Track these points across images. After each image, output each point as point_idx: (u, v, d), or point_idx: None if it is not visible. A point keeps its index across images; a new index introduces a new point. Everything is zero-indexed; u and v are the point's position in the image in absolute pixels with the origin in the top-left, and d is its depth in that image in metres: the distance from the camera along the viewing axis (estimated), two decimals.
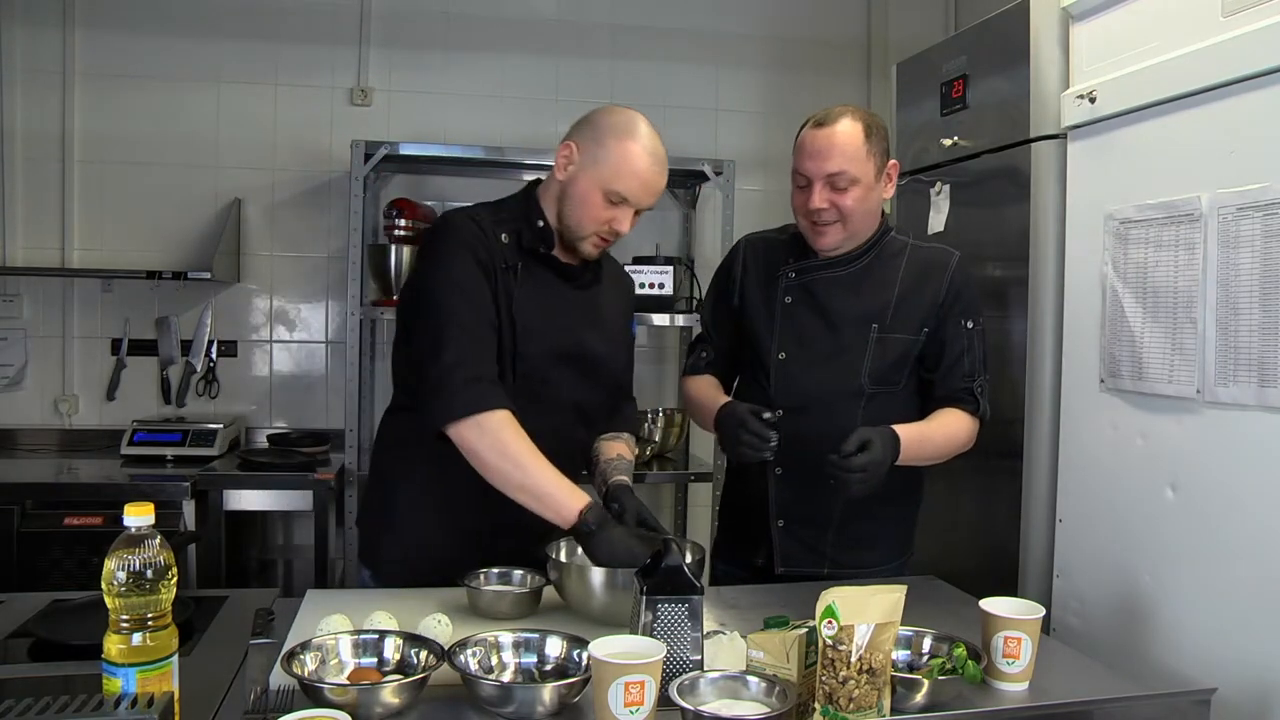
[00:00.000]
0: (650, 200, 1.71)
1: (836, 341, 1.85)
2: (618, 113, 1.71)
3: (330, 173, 3.48)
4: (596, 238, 1.71)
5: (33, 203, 3.33)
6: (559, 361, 1.74)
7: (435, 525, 1.77)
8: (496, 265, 1.69)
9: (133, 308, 3.39)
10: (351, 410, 3.12)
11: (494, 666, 1.30)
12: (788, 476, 1.86)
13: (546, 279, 1.74)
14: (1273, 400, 1.54)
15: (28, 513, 2.69)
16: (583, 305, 1.78)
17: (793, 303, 1.88)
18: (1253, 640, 1.57)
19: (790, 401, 1.82)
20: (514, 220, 1.75)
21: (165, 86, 3.39)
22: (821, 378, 1.85)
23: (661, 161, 1.70)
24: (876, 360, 1.84)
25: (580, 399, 1.78)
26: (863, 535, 1.89)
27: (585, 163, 1.69)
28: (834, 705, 1.16)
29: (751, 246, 1.99)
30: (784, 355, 1.87)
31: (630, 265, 3.33)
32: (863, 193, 1.78)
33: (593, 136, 1.70)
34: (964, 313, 1.86)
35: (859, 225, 1.83)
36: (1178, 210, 1.73)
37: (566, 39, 3.63)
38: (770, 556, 1.89)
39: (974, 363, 1.87)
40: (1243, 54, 1.59)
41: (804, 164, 1.79)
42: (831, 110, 1.79)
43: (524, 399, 1.66)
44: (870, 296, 1.85)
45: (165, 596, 1.08)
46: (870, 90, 3.82)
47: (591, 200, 1.68)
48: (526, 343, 1.69)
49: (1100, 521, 1.93)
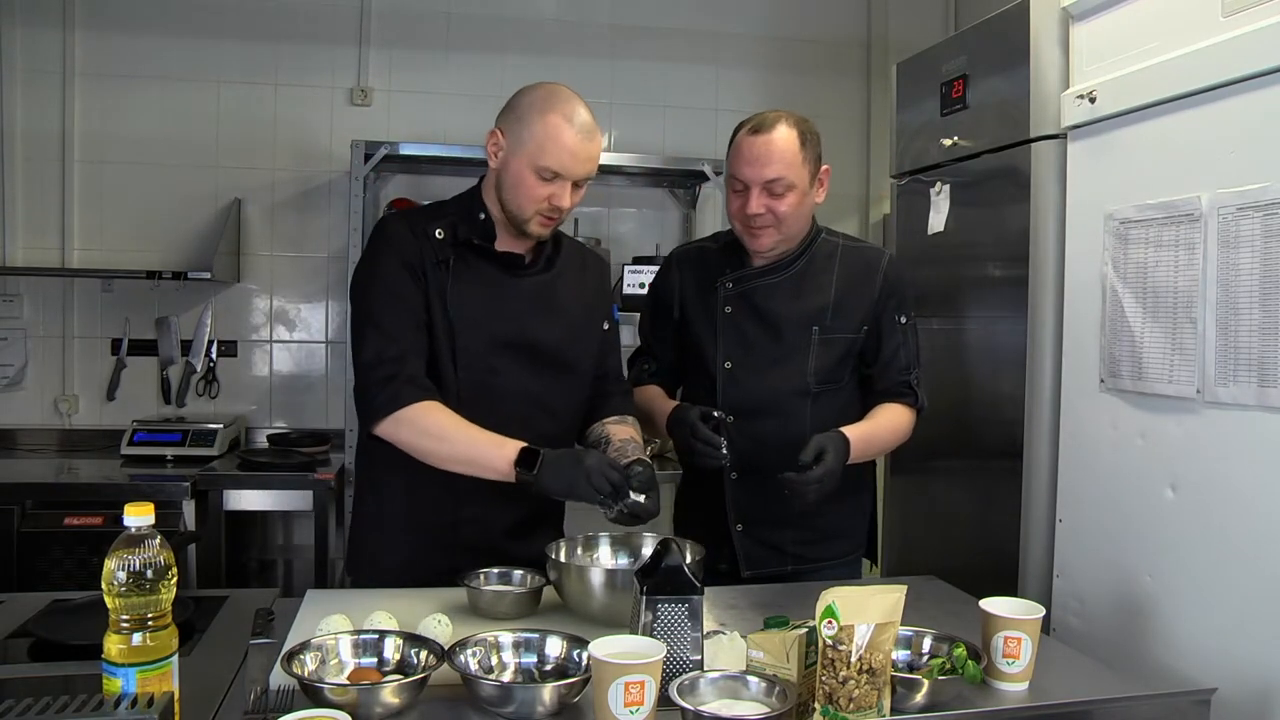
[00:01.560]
0: (583, 170, 1.68)
1: (780, 345, 1.89)
2: (538, 89, 1.71)
3: (330, 173, 3.49)
4: (540, 217, 1.71)
5: (33, 203, 3.33)
6: (503, 351, 1.74)
7: (403, 527, 1.80)
8: (427, 263, 1.71)
9: (133, 308, 3.39)
10: (351, 410, 3.09)
11: (494, 666, 1.30)
12: (743, 480, 1.89)
13: (485, 271, 1.75)
14: (1273, 400, 1.54)
15: (28, 513, 2.70)
16: (529, 294, 1.77)
17: (733, 312, 1.91)
18: (1253, 640, 1.57)
19: (740, 406, 1.87)
20: (453, 215, 1.76)
21: (165, 86, 3.39)
22: (769, 381, 1.89)
23: (589, 129, 1.67)
24: (820, 360, 1.89)
25: (534, 388, 1.77)
26: (822, 530, 1.93)
27: (512, 145, 1.68)
28: (834, 705, 1.16)
29: (685, 258, 2.03)
30: (729, 364, 1.90)
31: (630, 265, 3.34)
32: (798, 198, 1.82)
33: (515, 117, 1.69)
34: (898, 308, 1.93)
35: (793, 228, 1.87)
36: (1178, 210, 1.72)
37: (566, 39, 3.63)
38: (733, 560, 1.91)
39: (909, 356, 1.94)
40: (1243, 54, 1.59)
41: (742, 170, 1.82)
42: (767, 116, 1.83)
43: (472, 391, 1.70)
44: (809, 299, 1.90)
45: (165, 596, 1.08)
46: (870, 90, 3.83)
47: (525, 180, 1.67)
48: (465, 335, 1.71)
49: (1100, 521, 1.93)
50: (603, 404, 1.89)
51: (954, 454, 2.45)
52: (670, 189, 3.74)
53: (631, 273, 3.30)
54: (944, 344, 2.46)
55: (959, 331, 2.42)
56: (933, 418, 2.19)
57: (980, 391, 2.33)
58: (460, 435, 1.62)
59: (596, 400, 1.89)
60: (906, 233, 2.63)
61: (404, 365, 1.65)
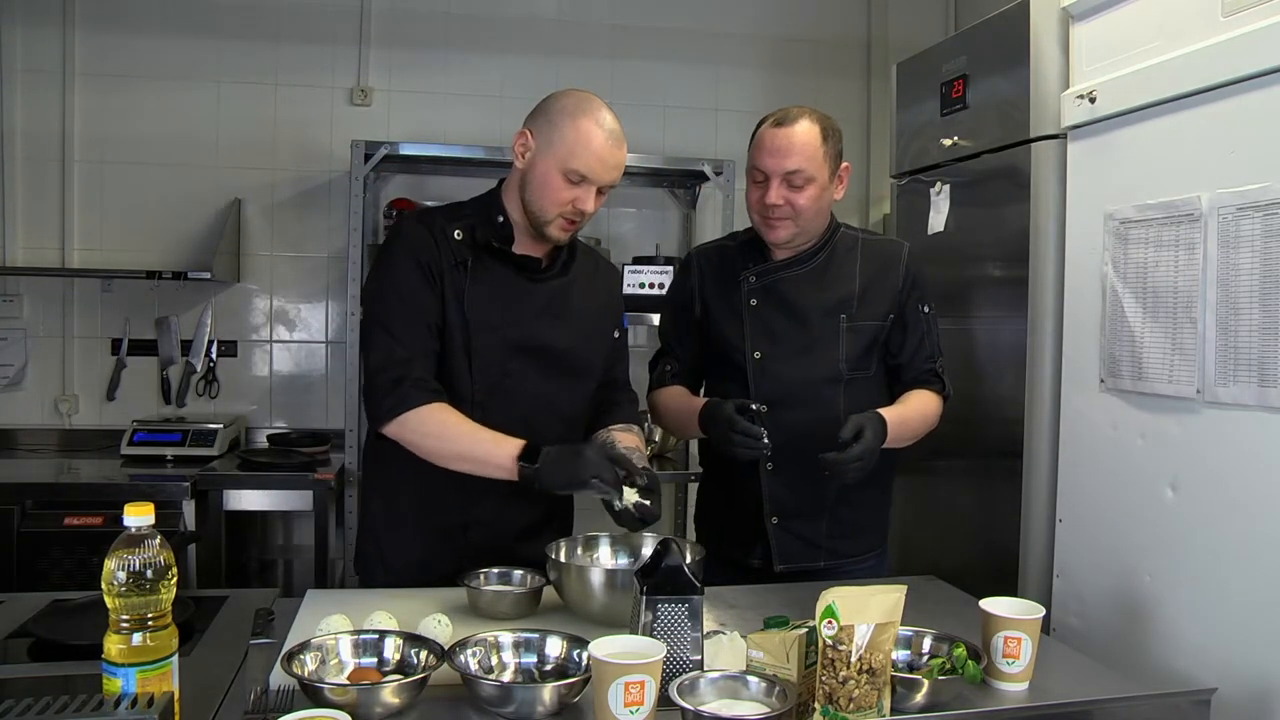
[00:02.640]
0: (609, 176, 1.71)
1: (809, 334, 1.90)
2: (570, 94, 1.73)
3: (330, 173, 3.48)
4: (562, 220, 1.72)
5: (33, 203, 3.33)
6: (516, 353, 1.75)
7: (413, 527, 1.80)
8: (445, 264, 1.72)
9: (133, 308, 3.39)
10: (351, 410, 3.11)
11: (494, 666, 1.30)
12: (779, 472, 1.88)
13: (502, 273, 1.76)
14: (1273, 400, 1.54)
15: (28, 513, 2.69)
16: (544, 298, 1.79)
17: (759, 304, 1.92)
18: (1253, 640, 1.57)
19: (772, 397, 1.87)
20: (471, 217, 1.77)
21: (165, 86, 3.39)
22: (800, 370, 1.89)
23: (617, 137, 1.70)
24: (850, 348, 1.90)
25: (546, 391, 1.78)
26: (851, 522, 1.94)
27: (541, 146, 1.70)
28: (834, 705, 1.16)
29: (705, 257, 2.04)
30: (759, 354, 1.90)
31: (630, 265, 3.33)
32: (817, 192, 1.83)
33: (547, 120, 1.71)
34: (921, 299, 1.96)
35: (810, 223, 1.87)
36: (1178, 210, 1.73)
37: (566, 39, 3.63)
38: (765, 555, 1.91)
39: (933, 345, 1.97)
40: (1243, 54, 1.59)
41: (763, 160, 1.83)
42: (790, 110, 1.84)
43: (485, 392, 1.72)
44: (834, 289, 1.91)
45: (165, 596, 1.08)
46: (870, 90, 3.82)
47: (551, 182, 1.69)
48: (480, 336, 1.72)
49: (1100, 521, 1.93)
50: (609, 411, 1.90)
51: (954, 454, 2.45)
52: (670, 189, 3.74)
53: (631, 273, 3.30)
54: (944, 344, 2.45)
55: (959, 331, 2.42)
56: None
57: (980, 391, 2.33)
58: (463, 434, 1.64)
59: (603, 407, 1.90)
60: (906, 233, 2.63)
61: (411, 368, 1.67)
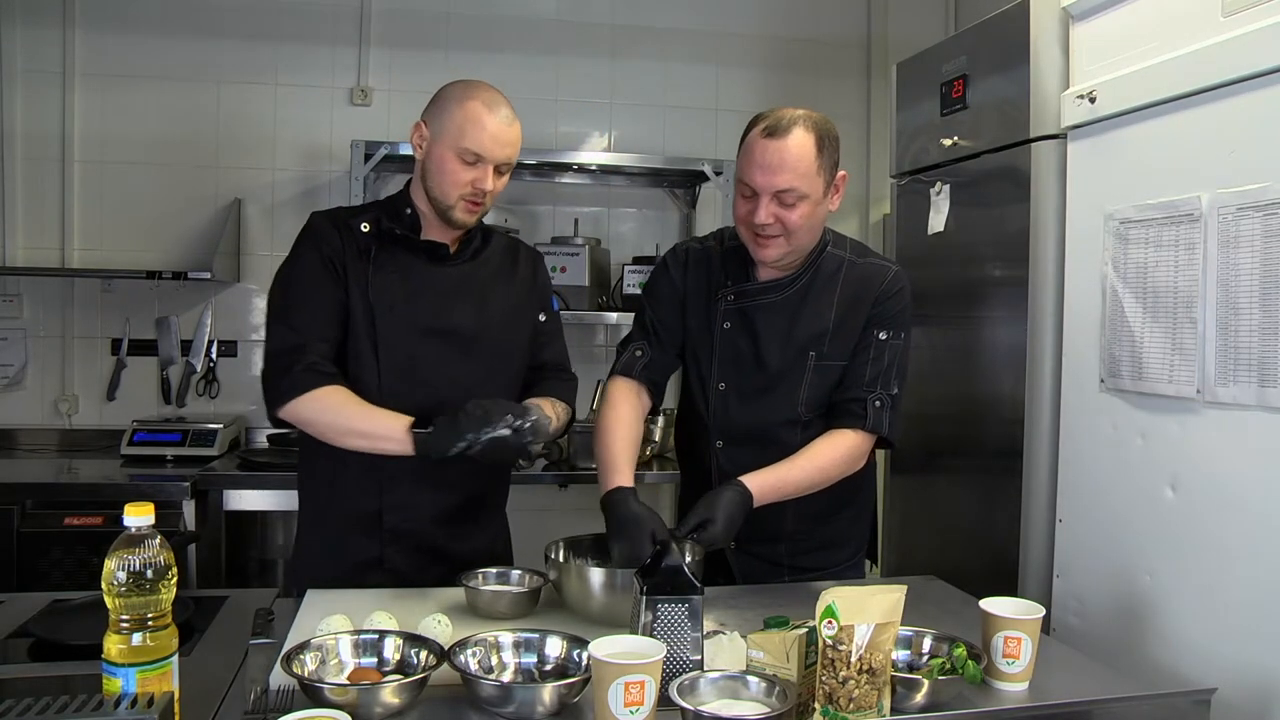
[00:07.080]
0: (503, 153, 1.72)
1: (773, 372, 1.81)
2: (457, 83, 1.78)
3: (330, 173, 3.48)
4: (465, 203, 1.74)
5: (33, 203, 3.33)
6: (425, 336, 1.77)
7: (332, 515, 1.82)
8: (349, 255, 1.76)
9: (133, 308, 3.39)
10: None
11: (494, 666, 1.30)
12: None
13: (408, 259, 1.79)
14: (1273, 400, 1.54)
15: (28, 513, 2.69)
16: (454, 281, 1.81)
17: (730, 329, 1.84)
18: (1253, 640, 1.57)
19: (730, 432, 1.84)
20: (378, 211, 1.82)
21: (165, 86, 3.39)
22: (759, 410, 1.82)
23: (507, 115, 1.73)
24: (813, 389, 1.81)
25: (457, 375, 1.78)
26: (820, 540, 1.90)
27: (435, 133, 1.74)
28: (834, 705, 1.16)
29: (690, 255, 1.92)
30: (723, 386, 1.84)
31: (630, 265, 3.34)
32: (810, 208, 1.71)
33: (437, 108, 1.75)
34: (880, 324, 1.80)
35: (803, 239, 1.77)
36: (1178, 210, 1.72)
37: (566, 39, 3.63)
38: (729, 576, 1.89)
39: (878, 373, 1.79)
40: (1243, 54, 1.59)
41: (753, 176, 1.69)
42: (783, 117, 1.69)
43: (394, 377, 1.75)
44: (808, 324, 1.81)
45: (165, 596, 1.08)
46: (870, 90, 3.82)
47: (448, 165, 1.72)
48: (384, 322, 1.75)
49: (1100, 521, 1.93)
50: (538, 389, 1.89)
51: (954, 454, 2.45)
52: (670, 189, 3.74)
53: (631, 273, 3.30)
54: (944, 344, 2.46)
55: (959, 332, 2.42)
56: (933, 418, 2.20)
57: (980, 391, 2.33)
58: (357, 411, 1.67)
59: (533, 389, 1.90)
60: (906, 233, 2.63)
61: (304, 354, 1.69)
